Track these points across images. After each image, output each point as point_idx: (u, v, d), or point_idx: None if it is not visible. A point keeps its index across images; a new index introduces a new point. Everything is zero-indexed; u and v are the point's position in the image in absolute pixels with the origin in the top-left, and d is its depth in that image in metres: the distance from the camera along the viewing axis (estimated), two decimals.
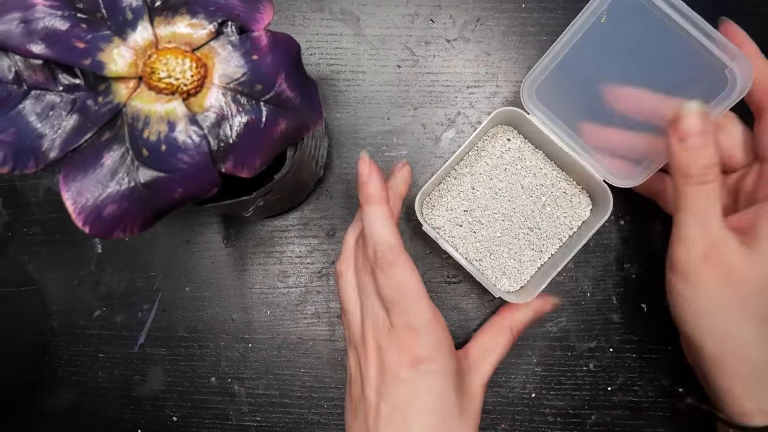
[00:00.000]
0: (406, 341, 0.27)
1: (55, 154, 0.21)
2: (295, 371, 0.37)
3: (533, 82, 0.33)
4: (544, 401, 0.36)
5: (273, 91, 0.22)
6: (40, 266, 0.38)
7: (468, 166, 0.35)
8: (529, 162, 0.35)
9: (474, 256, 0.35)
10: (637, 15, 0.30)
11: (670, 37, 0.29)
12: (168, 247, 0.38)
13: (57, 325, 0.38)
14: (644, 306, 0.36)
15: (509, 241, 0.35)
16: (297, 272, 0.37)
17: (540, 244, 0.35)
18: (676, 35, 0.29)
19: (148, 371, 0.37)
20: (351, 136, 0.37)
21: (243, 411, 0.37)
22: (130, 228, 0.22)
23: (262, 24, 0.23)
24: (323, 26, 0.38)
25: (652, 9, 0.29)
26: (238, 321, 0.37)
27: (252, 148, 0.22)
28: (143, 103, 0.21)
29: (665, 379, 0.36)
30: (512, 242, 0.35)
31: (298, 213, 0.37)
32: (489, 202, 0.35)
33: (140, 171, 0.21)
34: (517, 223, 0.35)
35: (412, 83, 0.37)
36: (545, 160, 0.35)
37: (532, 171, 0.35)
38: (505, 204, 0.35)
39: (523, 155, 0.35)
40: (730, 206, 0.30)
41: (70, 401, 0.38)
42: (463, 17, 0.37)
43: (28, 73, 0.21)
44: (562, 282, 0.37)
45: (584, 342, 0.36)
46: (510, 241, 0.35)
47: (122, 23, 0.22)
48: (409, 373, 0.27)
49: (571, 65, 0.32)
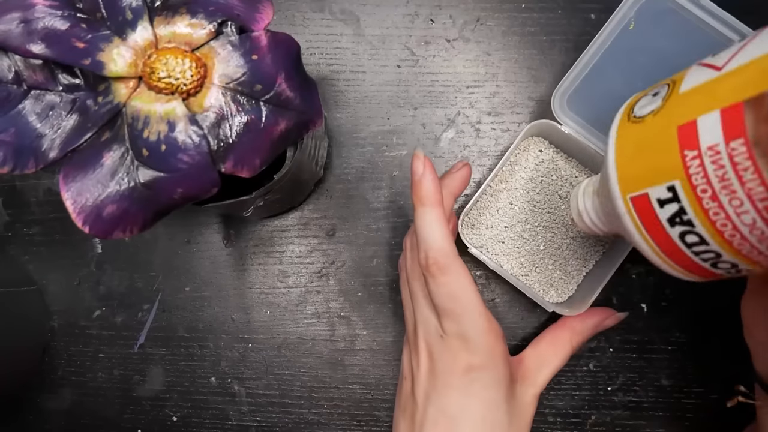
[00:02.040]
0: (459, 350, 0.26)
1: (55, 154, 0.21)
2: (295, 371, 0.37)
3: (564, 92, 0.32)
4: (544, 401, 0.36)
5: (273, 91, 0.22)
6: (40, 266, 0.38)
7: (503, 181, 0.35)
8: (564, 171, 0.35)
9: (519, 272, 0.35)
10: (666, 19, 0.29)
11: (702, 40, 0.29)
12: (168, 247, 0.38)
13: (57, 325, 0.38)
14: (644, 306, 0.36)
15: (553, 252, 0.35)
16: (297, 272, 0.37)
17: (584, 253, 0.35)
18: (707, 37, 0.29)
19: (148, 371, 0.37)
20: (351, 136, 0.37)
21: (243, 411, 0.37)
22: (130, 228, 0.22)
23: (262, 24, 0.23)
24: (323, 26, 0.38)
25: (681, 12, 0.29)
26: (238, 321, 0.37)
27: (252, 148, 0.22)
28: (143, 103, 0.21)
29: (665, 379, 0.36)
30: (556, 253, 0.35)
31: (298, 213, 0.37)
32: (528, 216, 0.35)
33: (140, 171, 0.21)
34: (559, 234, 0.35)
35: (412, 83, 0.37)
36: (580, 168, 0.35)
37: (568, 180, 0.35)
38: (545, 216, 0.35)
39: (557, 165, 0.35)
40: None
41: (70, 401, 0.38)
42: (463, 17, 0.37)
43: (28, 73, 0.21)
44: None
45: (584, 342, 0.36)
46: (554, 253, 0.35)
47: (122, 23, 0.22)
48: (460, 380, 0.26)
49: (601, 73, 0.31)
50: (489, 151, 0.37)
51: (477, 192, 0.33)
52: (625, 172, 0.22)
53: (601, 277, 0.32)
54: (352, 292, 0.37)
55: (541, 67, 0.37)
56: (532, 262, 0.35)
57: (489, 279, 0.37)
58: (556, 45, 0.37)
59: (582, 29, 0.37)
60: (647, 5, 0.29)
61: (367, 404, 0.37)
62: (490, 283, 0.37)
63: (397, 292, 0.37)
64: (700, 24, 0.29)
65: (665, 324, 0.36)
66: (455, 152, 0.37)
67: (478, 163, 0.37)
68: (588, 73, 0.32)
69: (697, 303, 0.36)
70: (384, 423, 0.36)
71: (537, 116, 0.37)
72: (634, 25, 0.30)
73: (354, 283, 0.37)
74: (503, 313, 0.36)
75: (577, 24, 0.37)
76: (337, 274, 0.37)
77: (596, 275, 0.34)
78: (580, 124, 0.33)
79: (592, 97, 0.32)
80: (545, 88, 0.37)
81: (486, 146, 0.37)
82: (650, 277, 0.36)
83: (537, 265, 0.35)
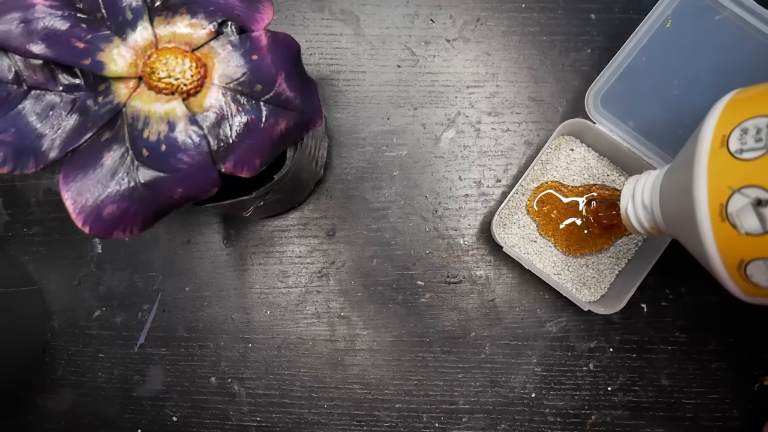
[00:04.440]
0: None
1: (55, 154, 0.21)
2: (295, 371, 0.37)
3: (598, 91, 0.32)
4: (544, 401, 0.36)
5: (273, 91, 0.22)
6: (40, 266, 0.38)
7: (535, 180, 0.35)
8: (596, 170, 0.35)
9: (552, 270, 0.35)
10: (704, 17, 0.29)
11: (741, 37, 0.28)
12: (168, 247, 0.38)
13: (57, 325, 0.38)
14: (644, 306, 0.36)
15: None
16: (297, 272, 0.37)
17: (616, 251, 0.35)
18: (746, 35, 0.28)
19: (148, 371, 0.37)
20: (351, 136, 0.37)
21: (243, 411, 0.37)
22: (130, 228, 0.22)
23: (262, 24, 0.23)
24: (323, 26, 0.38)
25: (719, 10, 0.28)
26: (238, 321, 0.37)
27: (252, 148, 0.22)
28: (143, 103, 0.21)
29: (665, 379, 0.36)
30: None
31: (298, 213, 0.37)
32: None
33: (140, 171, 0.21)
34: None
35: (412, 83, 0.37)
36: (612, 166, 0.35)
37: (600, 179, 0.35)
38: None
39: (588, 164, 0.35)
40: None
41: (70, 401, 0.38)
42: (463, 17, 0.37)
43: (28, 73, 0.21)
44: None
45: (584, 342, 0.36)
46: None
47: (122, 23, 0.22)
48: None
49: (637, 72, 0.31)
50: (489, 151, 0.37)
51: (510, 193, 0.33)
52: (716, 199, 0.21)
53: (635, 275, 0.32)
54: (352, 292, 0.37)
55: (541, 67, 0.37)
56: (565, 260, 0.35)
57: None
58: (556, 45, 0.37)
59: (582, 29, 0.37)
60: (685, 3, 0.29)
61: (367, 404, 0.37)
62: (490, 283, 0.37)
63: (397, 292, 0.37)
64: (739, 22, 0.28)
65: (665, 324, 0.36)
66: (455, 152, 0.37)
67: (478, 163, 0.37)
68: (623, 71, 0.31)
69: (697, 303, 0.36)
70: (384, 423, 0.36)
71: (537, 116, 0.37)
72: (671, 24, 0.30)
73: (354, 283, 0.37)
74: (503, 313, 0.36)
75: (577, 24, 0.37)
76: (337, 274, 0.37)
77: (629, 274, 0.34)
78: (614, 122, 0.32)
79: (626, 96, 0.32)
80: (545, 88, 0.37)
81: (486, 146, 0.37)
82: (650, 277, 0.36)
83: (569, 263, 0.35)
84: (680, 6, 0.29)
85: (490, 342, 0.37)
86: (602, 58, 0.37)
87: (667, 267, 0.36)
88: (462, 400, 0.37)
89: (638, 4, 0.37)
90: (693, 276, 0.36)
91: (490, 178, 0.37)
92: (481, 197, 0.37)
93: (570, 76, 0.37)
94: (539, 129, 0.37)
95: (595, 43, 0.37)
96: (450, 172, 0.37)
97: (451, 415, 0.36)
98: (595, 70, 0.37)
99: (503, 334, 0.36)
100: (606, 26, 0.37)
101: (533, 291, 0.37)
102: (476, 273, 0.37)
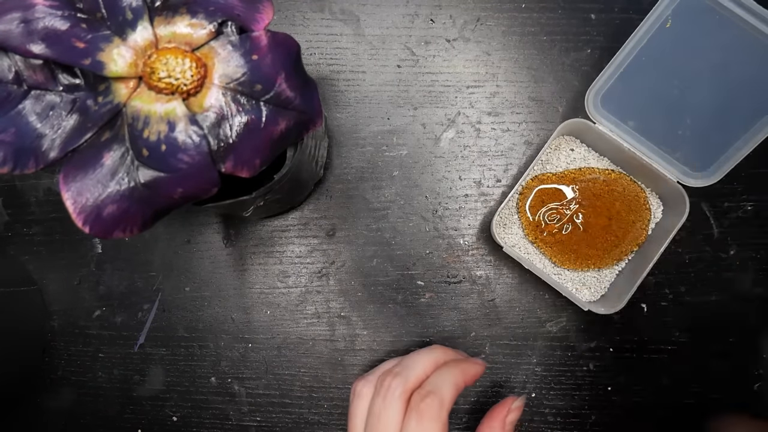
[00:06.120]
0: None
1: (55, 154, 0.21)
2: (295, 371, 0.37)
3: (598, 91, 0.32)
4: (544, 401, 0.36)
5: (273, 91, 0.22)
6: (40, 266, 0.38)
7: (534, 180, 0.35)
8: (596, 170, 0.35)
9: (552, 270, 0.35)
10: (704, 17, 0.29)
11: (741, 37, 0.28)
12: (168, 247, 0.38)
13: (57, 325, 0.38)
14: (644, 306, 0.36)
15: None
16: (297, 272, 0.37)
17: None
18: (746, 35, 0.28)
19: (148, 371, 0.37)
20: (351, 136, 0.37)
21: (243, 411, 0.37)
22: (130, 228, 0.22)
23: (262, 24, 0.23)
24: (323, 26, 0.38)
25: (719, 10, 0.28)
26: (238, 321, 0.37)
27: (252, 148, 0.22)
28: (143, 103, 0.21)
29: (665, 379, 0.36)
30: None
31: (298, 213, 0.37)
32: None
33: (140, 171, 0.21)
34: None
35: (412, 83, 0.37)
36: (612, 166, 0.35)
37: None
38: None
39: (589, 164, 0.35)
40: None
41: (70, 401, 0.38)
42: (463, 17, 0.37)
43: (28, 73, 0.21)
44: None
45: (584, 342, 0.36)
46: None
47: (122, 23, 0.22)
48: None
49: (637, 72, 0.31)
50: (489, 151, 0.37)
51: (510, 192, 0.33)
52: None
53: (635, 275, 0.32)
54: (352, 292, 0.37)
55: (541, 67, 0.37)
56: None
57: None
58: (556, 45, 0.37)
59: (582, 29, 0.37)
60: (685, 3, 0.29)
61: None
62: (490, 283, 0.37)
63: (397, 292, 0.37)
64: (739, 22, 0.28)
65: (665, 324, 0.36)
66: (455, 152, 0.37)
67: (478, 163, 0.37)
68: (623, 71, 0.31)
69: (696, 303, 0.36)
70: None
71: (537, 116, 0.37)
72: (671, 24, 0.30)
73: (354, 283, 0.37)
74: (503, 313, 0.36)
75: (577, 24, 0.37)
76: (337, 274, 0.37)
77: (629, 274, 0.34)
78: (614, 122, 0.32)
79: (626, 96, 0.32)
80: (545, 88, 0.37)
81: (486, 146, 0.37)
82: (650, 277, 0.36)
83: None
84: (680, 6, 0.29)
85: (490, 342, 0.37)
86: (602, 58, 0.37)
87: (667, 267, 0.36)
88: (462, 400, 0.37)
89: (638, 4, 0.37)
90: (693, 276, 0.36)
91: (490, 178, 0.37)
92: (481, 197, 0.37)
93: (570, 76, 0.37)
94: (539, 129, 0.37)
95: (595, 43, 0.37)
96: (450, 172, 0.37)
97: (451, 415, 0.36)
98: (595, 70, 0.37)
99: (503, 334, 0.36)
100: (606, 26, 0.37)
101: (533, 291, 0.37)
102: (476, 273, 0.37)
